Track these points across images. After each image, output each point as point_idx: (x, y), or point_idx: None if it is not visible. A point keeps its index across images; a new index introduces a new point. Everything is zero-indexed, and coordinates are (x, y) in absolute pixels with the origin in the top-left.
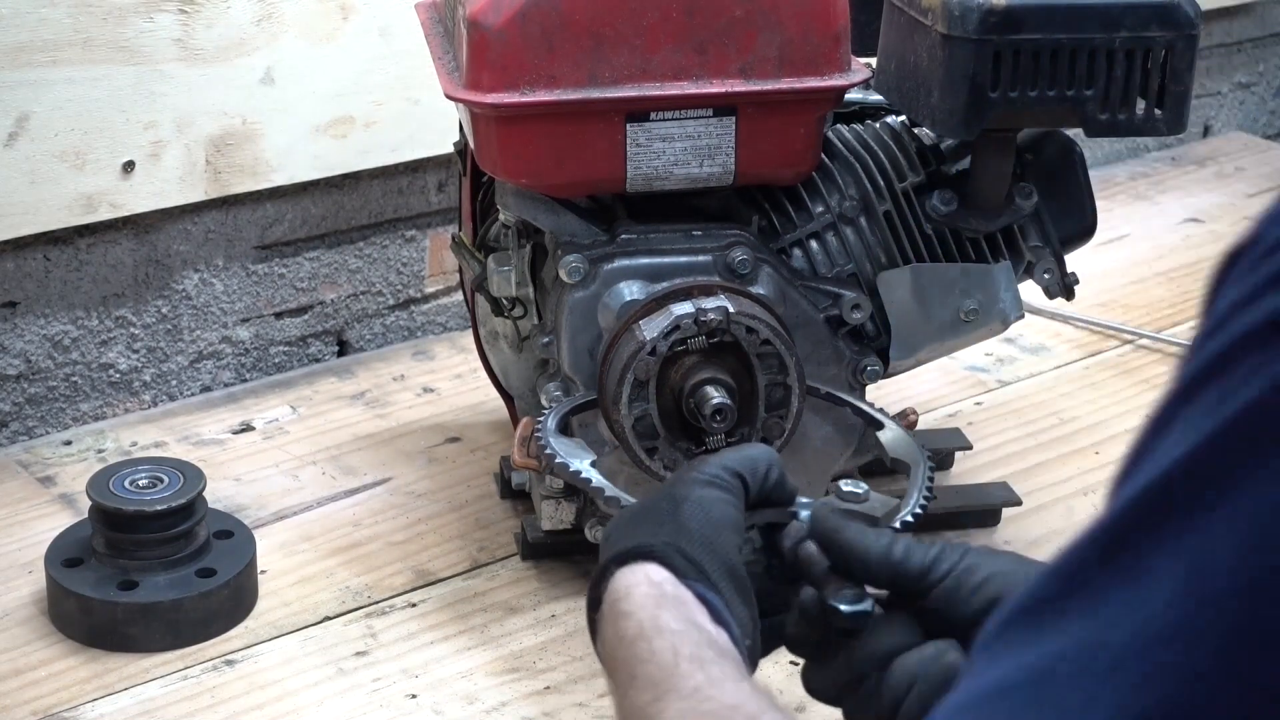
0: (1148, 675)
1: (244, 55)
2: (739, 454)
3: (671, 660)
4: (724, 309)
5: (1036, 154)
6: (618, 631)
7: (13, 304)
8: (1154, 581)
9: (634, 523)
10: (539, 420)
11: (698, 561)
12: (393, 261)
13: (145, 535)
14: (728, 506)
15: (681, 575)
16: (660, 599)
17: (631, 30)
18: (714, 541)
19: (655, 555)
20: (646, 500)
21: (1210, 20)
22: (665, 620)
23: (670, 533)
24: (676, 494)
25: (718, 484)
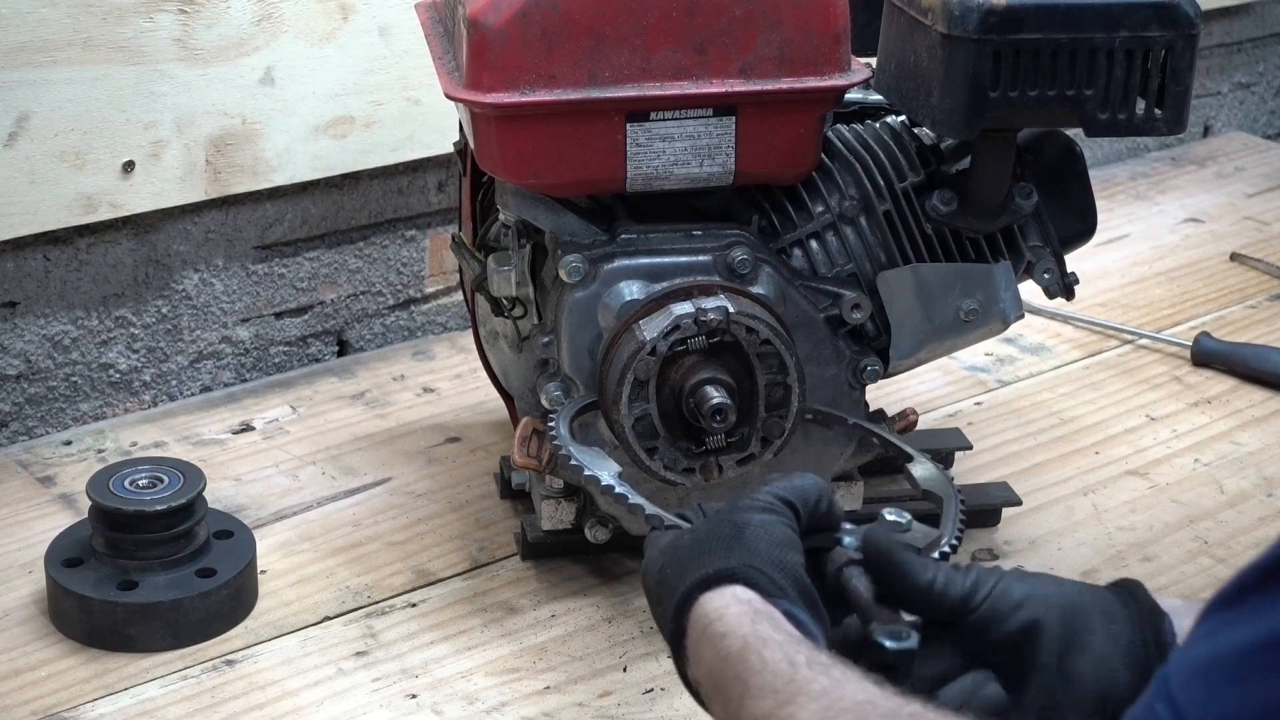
0: None
1: (244, 55)
2: (789, 483)
3: (788, 668)
4: (724, 309)
5: (1036, 154)
6: (719, 651)
7: (13, 304)
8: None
9: (700, 550)
10: (552, 428)
11: (776, 580)
12: (393, 261)
13: (145, 535)
14: (787, 528)
15: (766, 593)
16: (755, 615)
17: (631, 30)
18: (783, 561)
19: (738, 576)
20: (702, 527)
21: (1210, 20)
22: (767, 632)
23: (742, 555)
24: (737, 520)
25: (773, 509)
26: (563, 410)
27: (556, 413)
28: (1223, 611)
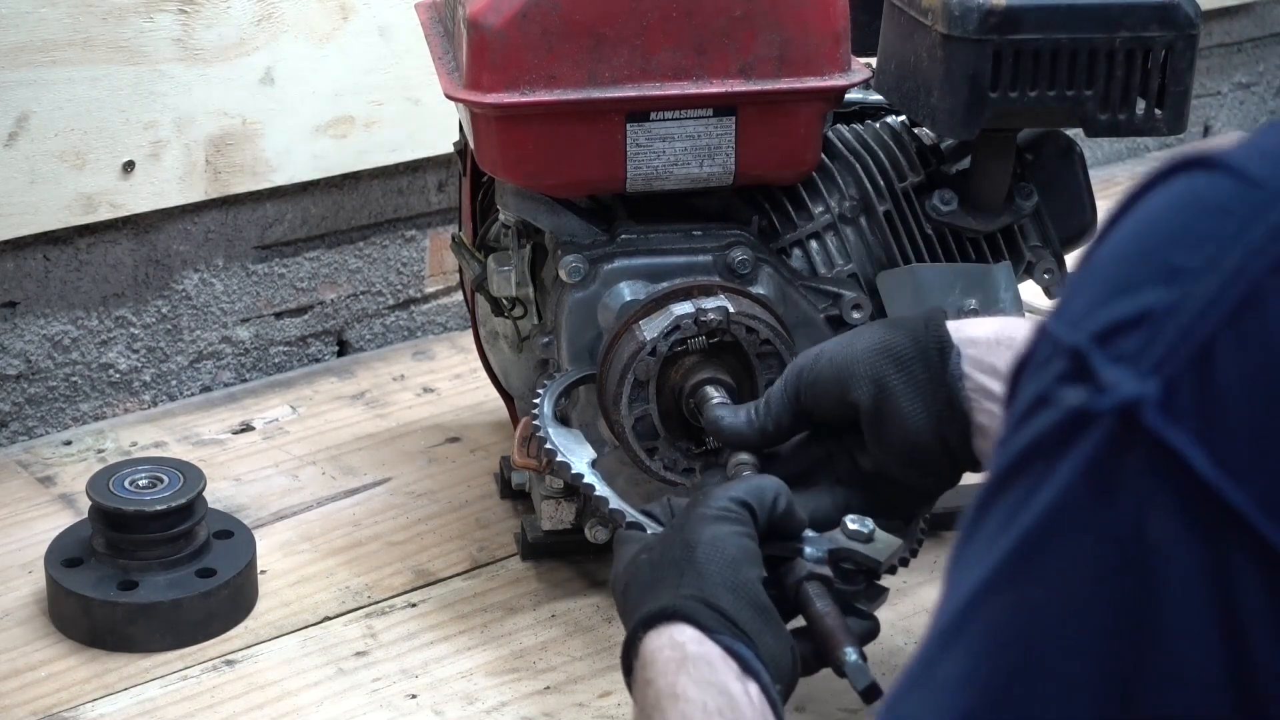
0: None
1: (244, 55)
2: (746, 484)
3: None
4: (724, 309)
5: (1036, 154)
6: (642, 700)
7: (13, 304)
8: (950, 710)
9: (653, 579)
10: (536, 404)
11: (723, 609)
12: (393, 261)
13: (145, 535)
14: (742, 539)
15: (708, 631)
16: (682, 662)
17: (631, 30)
18: (735, 581)
19: (680, 614)
20: (658, 547)
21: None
22: (683, 687)
23: (692, 584)
24: (689, 538)
25: (728, 517)
26: (549, 387)
27: (543, 389)
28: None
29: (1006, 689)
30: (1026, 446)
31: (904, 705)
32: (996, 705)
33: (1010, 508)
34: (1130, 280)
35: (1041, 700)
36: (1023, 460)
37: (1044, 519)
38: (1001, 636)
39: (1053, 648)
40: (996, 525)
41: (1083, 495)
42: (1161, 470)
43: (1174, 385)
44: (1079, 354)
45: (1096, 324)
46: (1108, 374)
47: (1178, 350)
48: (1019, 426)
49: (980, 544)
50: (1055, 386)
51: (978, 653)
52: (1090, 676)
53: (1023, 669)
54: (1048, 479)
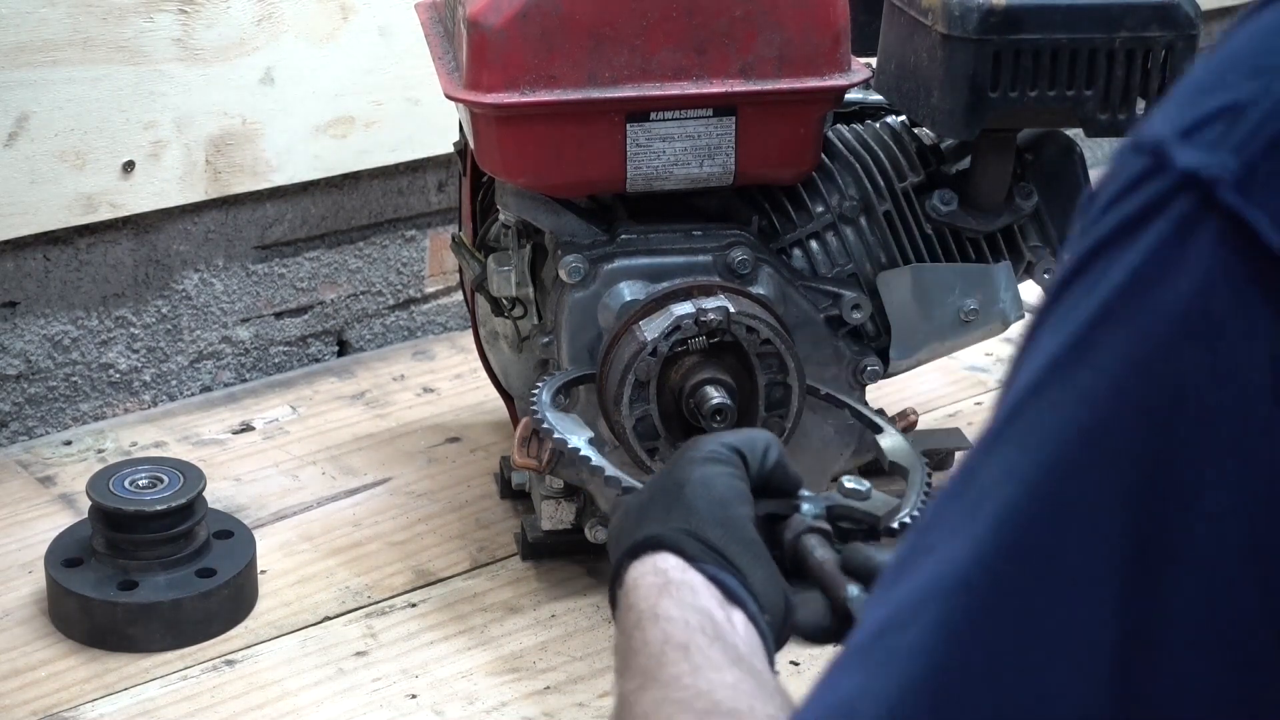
0: (968, 603)
1: (244, 55)
2: (737, 433)
3: (659, 649)
4: (724, 309)
5: (1036, 154)
6: (623, 626)
7: (13, 304)
8: (988, 504)
9: (640, 513)
10: (535, 394)
11: (710, 541)
12: (393, 261)
13: (145, 535)
14: (731, 479)
15: (692, 559)
16: (664, 587)
17: (631, 30)
18: (724, 516)
19: (664, 544)
20: (648, 487)
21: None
22: (664, 608)
23: (679, 517)
24: (678, 476)
25: (717, 458)
26: (549, 380)
27: (544, 381)
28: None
29: (1046, 485)
30: (1095, 242)
31: (937, 523)
32: (1041, 497)
33: (1068, 308)
34: (1219, 82)
35: (1083, 494)
36: (1089, 257)
37: (1106, 303)
38: (1046, 432)
39: (1099, 438)
40: (1050, 331)
41: (1148, 273)
42: (1234, 244)
43: (1252, 165)
44: (1161, 147)
45: (1182, 121)
46: (1190, 157)
47: (1257, 135)
48: (1089, 228)
49: (1037, 346)
50: (1135, 179)
51: (1020, 448)
52: (1133, 467)
53: (1065, 463)
54: (1116, 263)
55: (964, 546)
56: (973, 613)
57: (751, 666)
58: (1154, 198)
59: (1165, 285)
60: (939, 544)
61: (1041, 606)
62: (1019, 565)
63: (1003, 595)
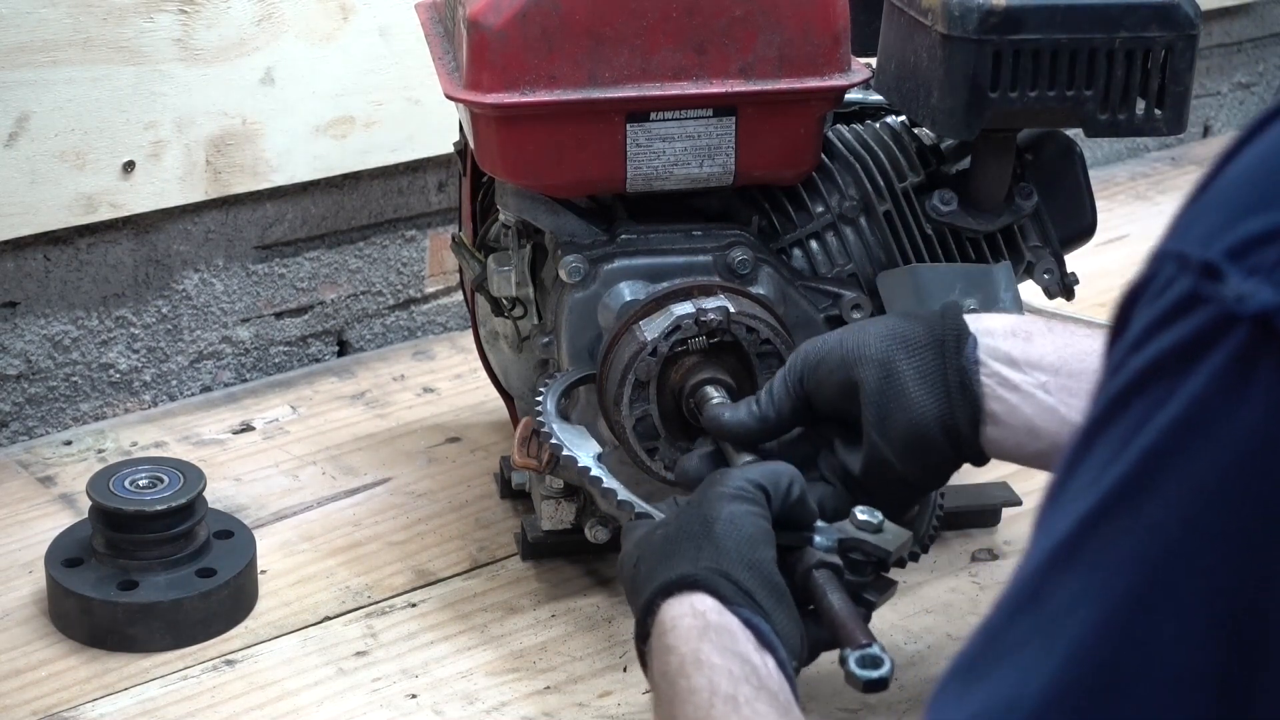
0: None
1: (244, 55)
2: (762, 468)
3: (707, 699)
4: (724, 309)
5: (1036, 154)
6: (663, 666)
7: (13, 304)
8: (1065, 629)
9: (669, 549)
10: (538, 400)
11: (741, 583)
12: (393, 261)
13: (145, 535)
14: (758, 519)
15: (728, 602)
16: (704, 630)
17: (631, 30)
18: (752, 559)
19: (700, 584)
20: (674, 521)
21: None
22: (706, 654)
23: (710, 557)
24: (707, 514)
25: (744, 497)
26: (552, 385)
27: (546, 386)
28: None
29: (1125, 614)
30: (1146, 367)
31: (1009, 632)
32: (1115, 630)
33: (1125, 432)
34: (1263, 200)
35: (1165, 622)
36: (1141, 381)
37: (1168, 433)
38: (1119, 560)
39: (1177, 566)
40: (1107, 453)
41: (1213, 405)
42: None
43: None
44: (1212, 268)
45: (1230, 240)
46: (1244, 285)
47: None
48: (1135, 350)
49: (1085, 476)
50: (1184, 301)
51: (1092, 574)
52: (1217, 592)
53: (1143, 593)
54: (1174, 393)
55: (1041, 672)
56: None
57: (797, 718)
58: (1208, 326)
59: (1230, 418)
60: (1013, 656)
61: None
62: (1097, 702)
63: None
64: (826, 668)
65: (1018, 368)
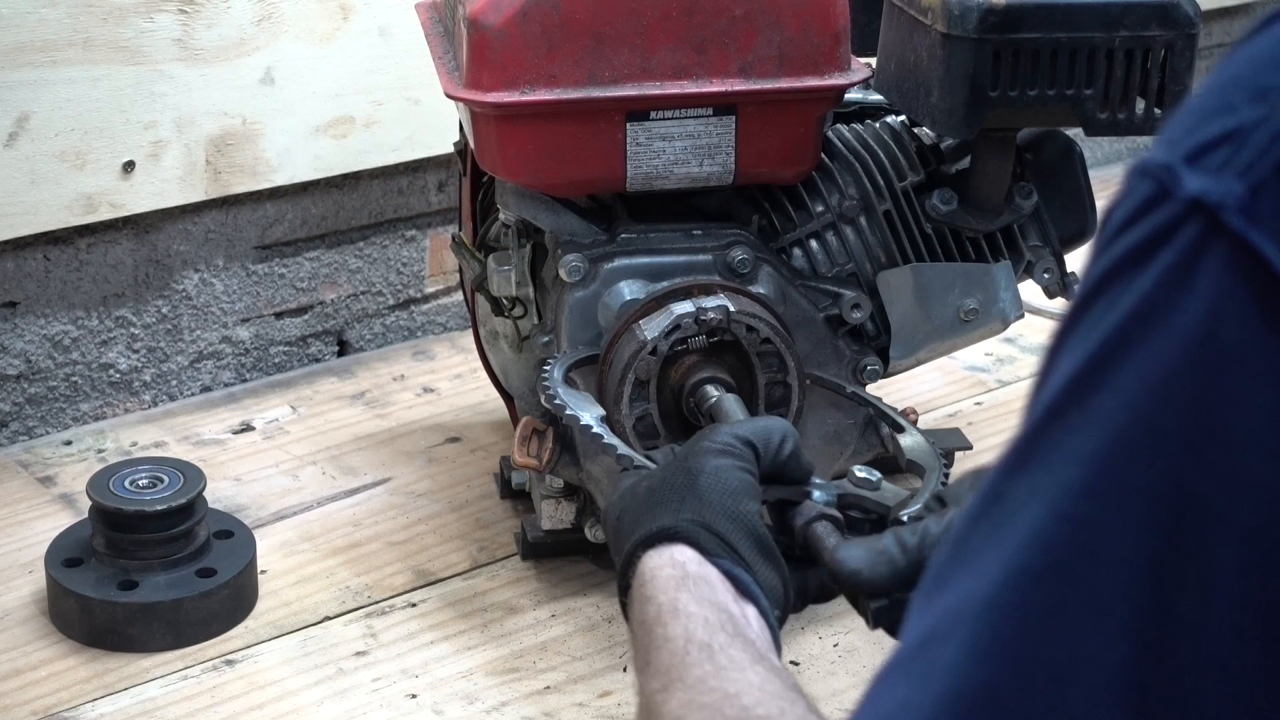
0: (996, 622)
1: (244, 55)
2: (753, 423)
3: (682, 647)
4: (725, 308)
5: (1036, 154)
6: (641, 615)
7: (13, 304)
8: (1016, 524)
9: (652, 501)
10: (545, 369)
11: (723, 535)
12: (393, 261)
13: (145, 535)
14: (743, 473)
15: (707, 553)
16: (683, 580)
17: (631, 30)
18: (735, 510)
19: (680, 535)
20: (658, 474)
21: (1210, 20)
22: (684, 603)
23: (692, 509)
24: (691, 466)
25: (731, 452)
26: (560, 359)
27: (553, 360)
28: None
29: (1071, 505)
30: (1108, 268)
31: (971, 537)
32: (1063, 520)
33: (1085, 331)
34: (1224, 105)
35: (1109, 512)
36: (1103, 282)
37: (1120, 328)
38: (1068, 454)
39: (1123, 457)
40: (1069, 355)
41: (1159, 298)
42: (1240, 269)
43: (1258, 190)
44: (1168, 169)
45: (1188, 145)
46: (1194, 182)
47: (1263, 158)
48: (1102, 252)
49: (1056, 367)
50: (1143, 204)
51: (1042, 470)
52: (1160, 483)
53: (1090, 484)
54: (1128, 289)
55: (992, 566)
56: (999, 633)
57: (773, 664)
58: (1162, 223)
59: (1176, 311)
60: (972, 559)
61: (1062, 629)
62: (1041, 588)
63: (1026, 617)
64: (826, 668)
65: None
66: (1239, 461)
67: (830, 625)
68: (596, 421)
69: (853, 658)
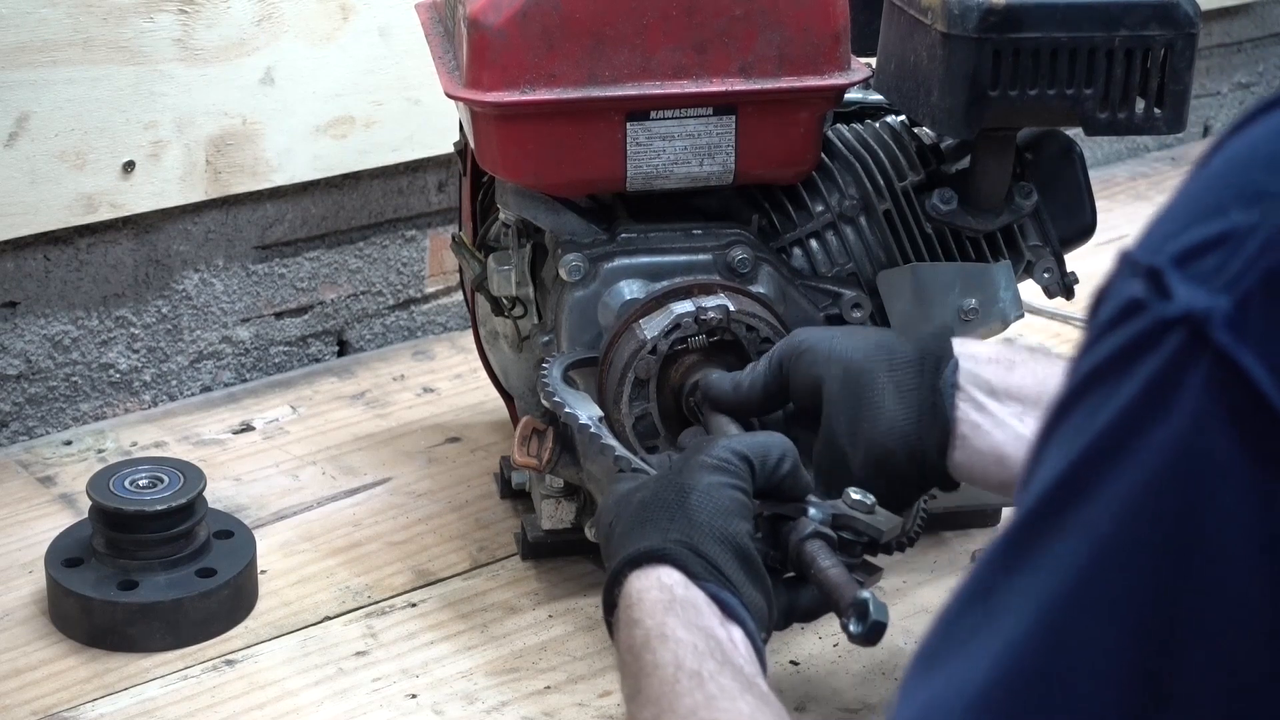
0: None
1: (244, 55)
2: (752, 439)
3: (672, 675)
4: (724, 307)
5: (1036, 154)
6: (629, 640)
7: (13, 304)
8: (1007, 619)
9: (642, 518)
10: (544, 367)
11: (710, 557)
12: (393, 261)
13: (145, 535)
14: (735, 490)
15: (694, 576)
16: (670, 604)
17: (631, 29)
18: (724, 531)
19: (668, 557)
20: (651, 486)
21: (1210, 20)
22: (672, 628)
23: (681, 528)
24: (683, 482)
25: (725, 468)
26: (558, 358)
27: (551, 359)
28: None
29: (1060, 618)
30: (1091, 371)
31: (961, 621)
32: (1051, 630)
33: (1070, 433)
34: (1216, 205)
35: (1094, 625)
36: (1086, 385)
37: (1103, 438)
38: (1054, 561)
39: (1106, 570)
40: (1056, 453)
41: (1143, 411)
42: (1223, 385)
43: (1245, 302)
44: (1156, 274)
45: (1178, 246)
46: (1181, 291)
47: (1253, 268)
48: (1090, 348)
49: (1038, 475)
50: (1130, 305)
51: (1031, 573)
52: (1141, 599)
53: (1075, 594)
54: (1111, 398)
55: (981, 666)
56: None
57: (762, 692)
58: (1148, 329)
59: (1158, 424)
60: (962, 647)
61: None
62: (1031, 692)
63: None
64: (826, 668)
65: (994, 395)
66: (1218, 575)
67: (830, 625)
68: (594, 421)
69: (852, 658)
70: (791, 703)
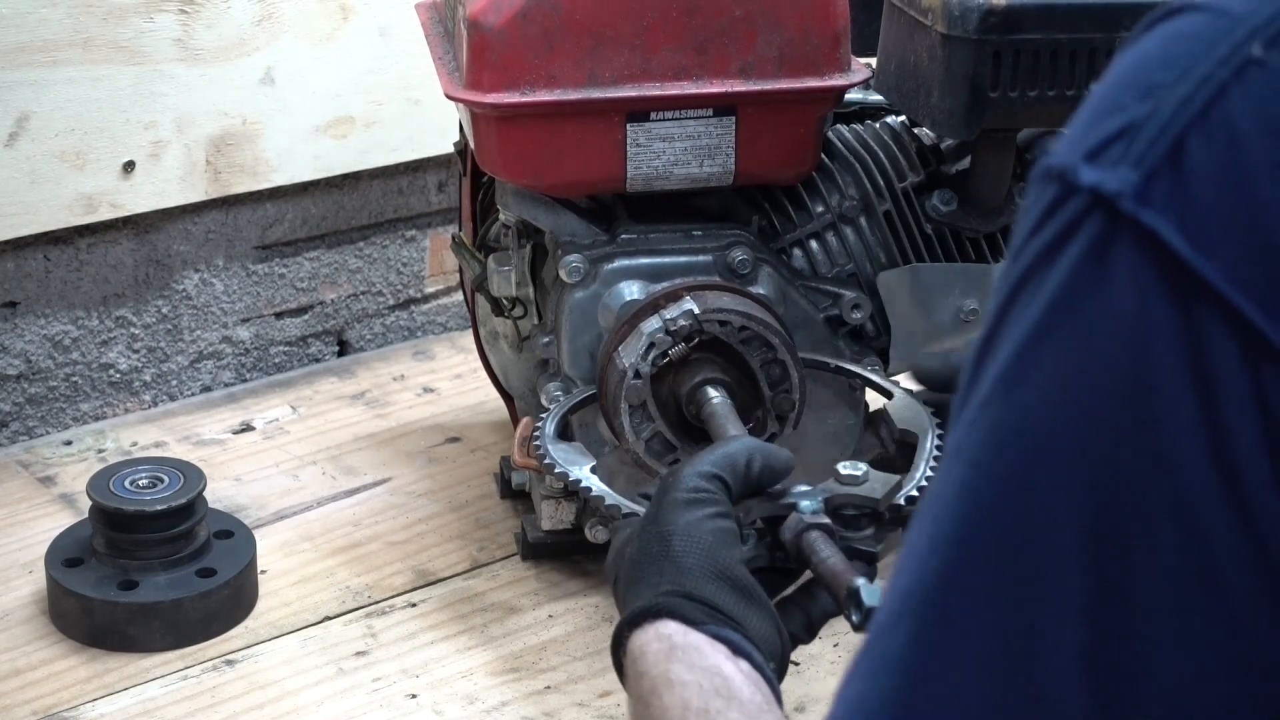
0: (947, 606)
1: (244, 55)
2: (715, 454)
3: (680, 715)
4: (690, 312)
5: (1036, 154)
6: (636, 690)
7: (13, 304)
8: (944, 517)
9: (635, 576)
10: (538, 425)
11: (705, 598)
12: (393, 261)
13: (145, 535)
14: (715, 520)
15: (692, 623)
16: (670, 651)
17: (631, 30)
18: (715, 567)
19: (663, 611)
20: (638, 542)
21: None
22: (676, 673)
23: (671, 578)
24: (663, 529)
25: (699, 500)
26: (555, 408)
27: (549, 410)
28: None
29: (999, 498)
30: (1020, 275)
31: (926, 505)
32: (991, 511)
33: (1008, 329)
34: (1115, 104)
35: (1038, 500)
36: (1021, 283)
37: (1037, 323)
38: (991, 448)
39: (1047, 446)
40: (996, 348)
41: (1073, 288)
42: (1145, 252)
43: (1151, 177)
44: (1070, 172)
45: (1085, 145)
46: (1093, 178)
47: (1153, 147)
48: (1017, 257)
49: (981, 373)
50: (1049, 207)
51: (966, 473)
52: (1085, 468)
53: (1015, 476)
54: (1044, 285)
55: (933, 555)
56: (938, 626)
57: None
58: (1068, 221)
59: (1093, 296)
60: (920, 542)
61: (1001, 622)
62: (979, 579)
63: (965, 611)
64: (826, 668)
65: None
66: (1162, 437)
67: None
68: (585, 475)
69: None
70: (791, 703)
